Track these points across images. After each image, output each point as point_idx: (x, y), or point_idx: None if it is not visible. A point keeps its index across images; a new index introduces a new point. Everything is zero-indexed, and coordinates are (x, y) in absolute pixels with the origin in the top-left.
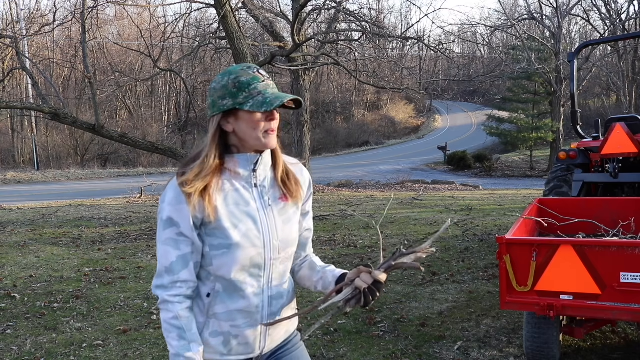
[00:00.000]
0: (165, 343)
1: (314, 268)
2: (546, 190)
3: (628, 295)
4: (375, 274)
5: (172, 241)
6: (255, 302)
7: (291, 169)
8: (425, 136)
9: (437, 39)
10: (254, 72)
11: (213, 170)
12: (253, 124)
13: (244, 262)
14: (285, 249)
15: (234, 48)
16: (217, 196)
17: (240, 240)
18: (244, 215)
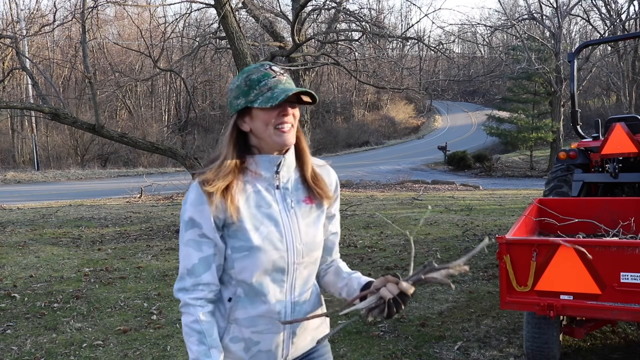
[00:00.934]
0: (165, 344)
1: (340, 274)
2: (546, 190)
3: (628, 295)
4: (402, 286)
5: (194, 242)
6: (277, 307)
7: (318, 170)
8: (425, 136)
9: (437, 39)
10: (266, 68)
11: (232, 170)
12: (264, 120)
13: (266, 266)
14: (310, 253)
15: (234, 48)
16: (239, 197)
17: (261, 243)
18: (265, 217)
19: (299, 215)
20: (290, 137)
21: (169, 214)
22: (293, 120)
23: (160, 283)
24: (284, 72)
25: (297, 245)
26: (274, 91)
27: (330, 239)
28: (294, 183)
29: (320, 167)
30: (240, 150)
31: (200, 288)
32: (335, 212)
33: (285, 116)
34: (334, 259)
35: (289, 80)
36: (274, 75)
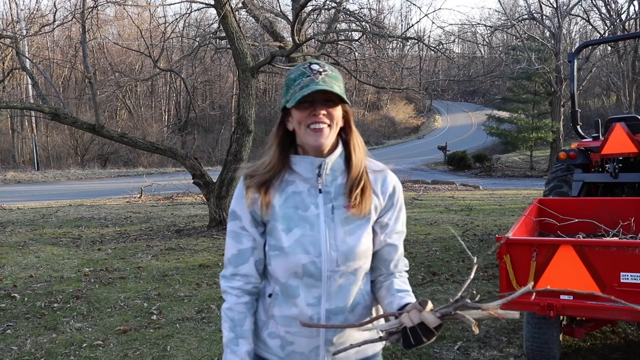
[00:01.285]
0: (165, 344)
1: (390, 289)
2: (546, 190)
3: (628, 295)
4: (424, 316)
5: (234, 234)
6: (308, 312)
7: (369, 176)
8: (425, 136)
9: (437, 39)
10: (304, 67)
11: (273, 167)
12: (297, 120)
13: (295, 269)
14: (346, 262)
15: (234, 48)
16: (277, 196)
17: (291, 244)
18: (301, 220)
19: (338, 221)
20: (321, 138)
21: (169, 214)
22: (328, 120)
23: (160, 283)
24: (324, 71)
25: (331, 252)
26: (302, 90)
27: (385, 250)
28: (338, 187)
29: (376, 173)
30: (284, 148)
31: (238, 278)
32: (389, 222)
33: (315, 116)
34: (392, 273)
35: (325, 79)
36: (309, 74)
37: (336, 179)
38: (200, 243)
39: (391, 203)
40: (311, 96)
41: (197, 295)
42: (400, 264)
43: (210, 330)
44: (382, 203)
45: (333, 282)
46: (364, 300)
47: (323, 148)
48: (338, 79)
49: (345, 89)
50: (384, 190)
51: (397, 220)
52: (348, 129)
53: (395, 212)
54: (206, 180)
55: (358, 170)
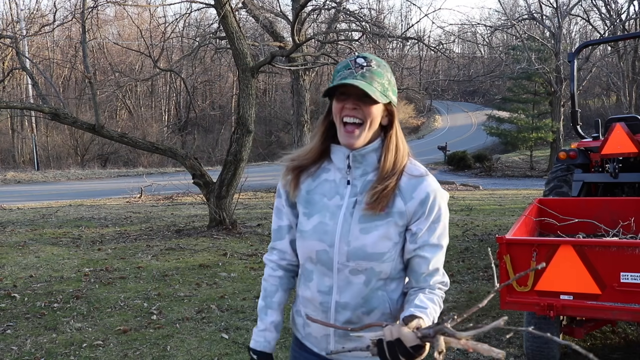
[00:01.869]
0: (165, 344)
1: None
2: (546, 190)
3: (628, 295)
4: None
5: (276, 210)
6: (319, 299)
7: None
8: (425, 136)
9: (437, 39)
10: (350, 60)
11: (313, 153)
12: (334, 111)
13: (310, 254)
14: (357, 259)
15: (234, 48)
16: (309, 181)
17: (309, 230)
18: (323, 207)
19: (356, 217)
20: (351, 137)
21: (169, 214)
22: (360, 116)
23: (160, 283)
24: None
25: (343, 245)
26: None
27: (415, 261)
28: (366, 183)
29: (412, 177)
30: (327, 138)
31: (275, 252)
32: (418, 231)
33: (346, 109)
34: (422, 287)
35: (365, 74)
36: (351, 67)
37: (367, 174)
38: (200, 243)
39: (422, 211)
40: (348, 90)
41: (197, 295)
42: (433, 279)
43: (210, 330)
44: (411, 209)
45: (343, 276)
46: (385, 306)
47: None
48: (381, 75)
49: None
50: (415, 195)
51: (430, 232)
52: (389, 128)
53: (428, 221)
54: (206, 180)
55: (388, 170)
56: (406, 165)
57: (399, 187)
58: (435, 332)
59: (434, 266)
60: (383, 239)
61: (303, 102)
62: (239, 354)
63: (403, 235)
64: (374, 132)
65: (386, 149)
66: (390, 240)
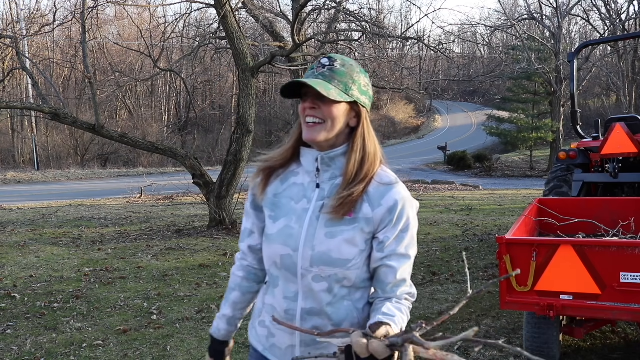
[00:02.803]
0: (165, 344)
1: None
2: (546, 190)
3: (628, 295)
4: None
5: (245, 212)
6: (284, 305)
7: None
8: (425, 136)
9: (437, 39)
10: (320, 59)
11: (284, 155)
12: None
13: (275, 259)
14: (321, 265)
15: (234, 48)
16: (277, 184)
17: (274, 234)
18: (290, 211)
19: (322, 221)
20: (312, 133)
21: (169, 214)
22: (320, 116)
23: (160, 283)
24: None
25: (307, 250)
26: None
27: (382, 270)
28: (334, 187)
29: (381, 184)
30: (300, 141)
31: (241, 252)
32: (385, 240)
33: (306, 109)
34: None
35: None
36: (315, 67)
37: (335, 178)
38: (200, 243)
39: (390, 219)
40: (308, 90)
41: (197, 295)
42: (400, 289)
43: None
44: (378, 216)
45: (307, 282)
46: (353, 316)
47: (314, 142)
48: (344, 74)
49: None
50: (383, 203)
51: (398, 241)
52: (356, 129)
53: (396, 230)
54: (206, 180)
55: (351, 174)
56: (377, 172)
57: (367, 193)
58: (404, 341)
59: (401, 276)
60: (348, 245)
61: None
62: (239, 354)
63: (370, 243)
64: (340, 133)
65: (351, 151)
66: (356, 247)
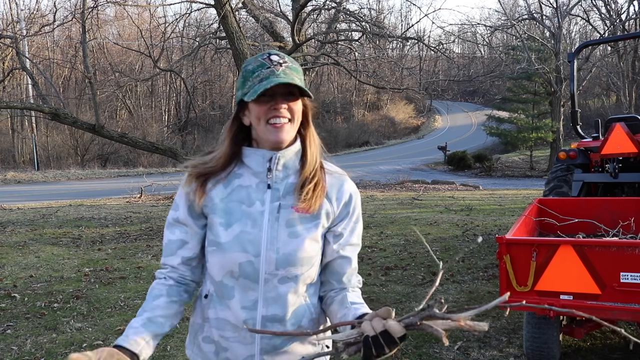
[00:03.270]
0: (165, 344)
1: (344, 303)
2: (546, 190)
3: (628, 295)
4: (389, 324)
5: (168, 224)
6: (242, 316)
7: (326, 179)
8: (425, 136)
9: (437, 39)
10: (264, 58)
11: (224, 159)
12: (256, 114)
13: (231, 268)
14: (287, 266)
15: (234, 48)
16: (220, 188)
17: (229, 241)
18: (243, 215)
19: (283, 221)
20: (282, 134)
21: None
22: (289, 115)
23: None
24: (284, 62)
25: (271, 253)
26: (262, 83)
27: (338, 262)
28: (288, 186)
29: (334, 176)
30: (236, 143)
31: (167, 267)
32: (343, 232)
33: (275, 110)
34: (344, 287)
35: (286, 71)
36: (269, 65)
37: (288, 177)
38: None
39: (347, 212)
40: (272, 90)
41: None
42: (354, 279)
43: None
44: (336, 210)
45: (271, 287)
46: (310, 313)
47: (283, 144)
48: (298, 71)
49: (345, 89)
50: (339, 196)
51: (352, 232)
52: (306, 124)
53: (350, 222)
54: None
55: (312, 167)
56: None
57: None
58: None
59: (354, 265)
60: (312, 242)
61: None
62: None
63: (324, 237)
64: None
65: (309, 145)
66: (318, 243)
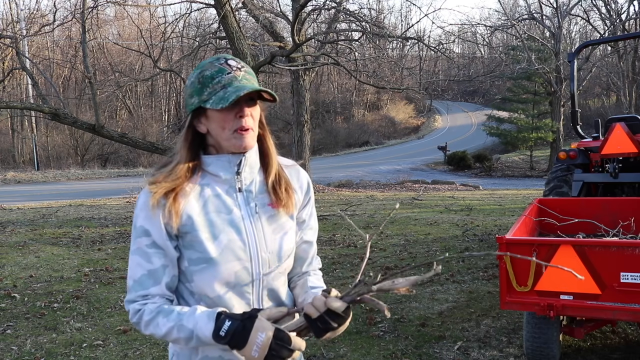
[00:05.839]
0: (165, 344)
1: (304, 287)
2: (546, 190)
3: (628, 295)
4: (329, 302)
5: (142, 253)
6: None
7: (285, 172)
8: (425, 136)
9: (437, 39)
10: (221, 63)
11: (184, 172)
12: (219, 123)
13: (228, 279)
14: (277, 262)
15: (234, 48)
16: (192, 203)
17: (221, 253)
18: (225, 224)
19: (263, 220)
20: (250, 140)
21: None
22: (252, 121)
23: None
24: (242, 67)
25: (262, 254)
26: (226, 90)
27: (302, 247)
28: (258, 185)
29: (289, 168)
30: (195, 152)
31: (149, 298)
32: (306, 218)
33: (242, 117)
34: (306, 272)
35: (247, 76)
36: (229, 70)
37: (255, 176)
38: None
39: (308, 198)
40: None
41: None
42: (315, 262)
43: None
44: (301, 198)
45: (265, 286)
46: (290, 302)
47: (249, 149)
48: (254, 75)
49: (345, 89)
50: (301, 185)
51: (311, 217)
52: (262, 125)
53: (310, 207)
54: None
55: (275, 167)
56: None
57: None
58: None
59: (315, 249)
60: (292, 234)
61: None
62: None
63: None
64: None
65: (270, 146)
66: (294, 234)
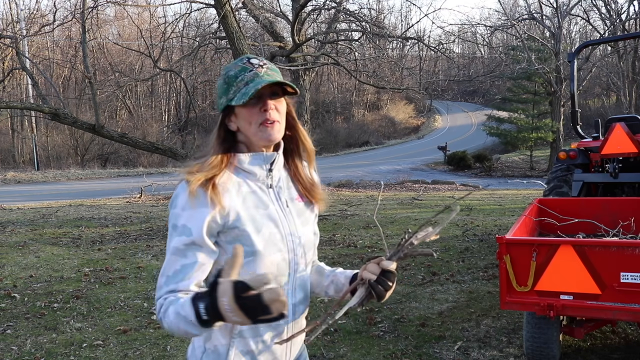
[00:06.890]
0: (165, 344)
1: (322, 272)
2: (546, 190)
3: (628, 295)
4: (383, 264)
5: (179, 251)
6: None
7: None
8: (425, 136)
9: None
10: (244, 62)
11: (218, 163)
12: (246, 118)
13: (271, 270)
14: (307, 252)
15: (234, 48)
16: (236, 199)
17: (265, 245)
18: (265, 218)
19: (294, 213)
20: (275, 132)
21: (168, 214)
22: (277, 114)
23: None
24: (264, 64)
25: (296, 246)
26: (248, 86)
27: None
28: (285, 181)
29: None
30: (227, 149)
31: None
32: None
33: (266, 111)
34: (314, 260)
35: (269, 72)
36: (251, 68)
37: (282, 173)
38: None
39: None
40: (259, 92)
41: None
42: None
43: None
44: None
45: (298, 276)
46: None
47: (275, 142)
48: (278, 71)
49: (345, 89)
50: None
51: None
52: (292, 120)
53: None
54: None
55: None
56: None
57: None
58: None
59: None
60: (315, 225)
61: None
62: None
63: None
64: None
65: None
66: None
